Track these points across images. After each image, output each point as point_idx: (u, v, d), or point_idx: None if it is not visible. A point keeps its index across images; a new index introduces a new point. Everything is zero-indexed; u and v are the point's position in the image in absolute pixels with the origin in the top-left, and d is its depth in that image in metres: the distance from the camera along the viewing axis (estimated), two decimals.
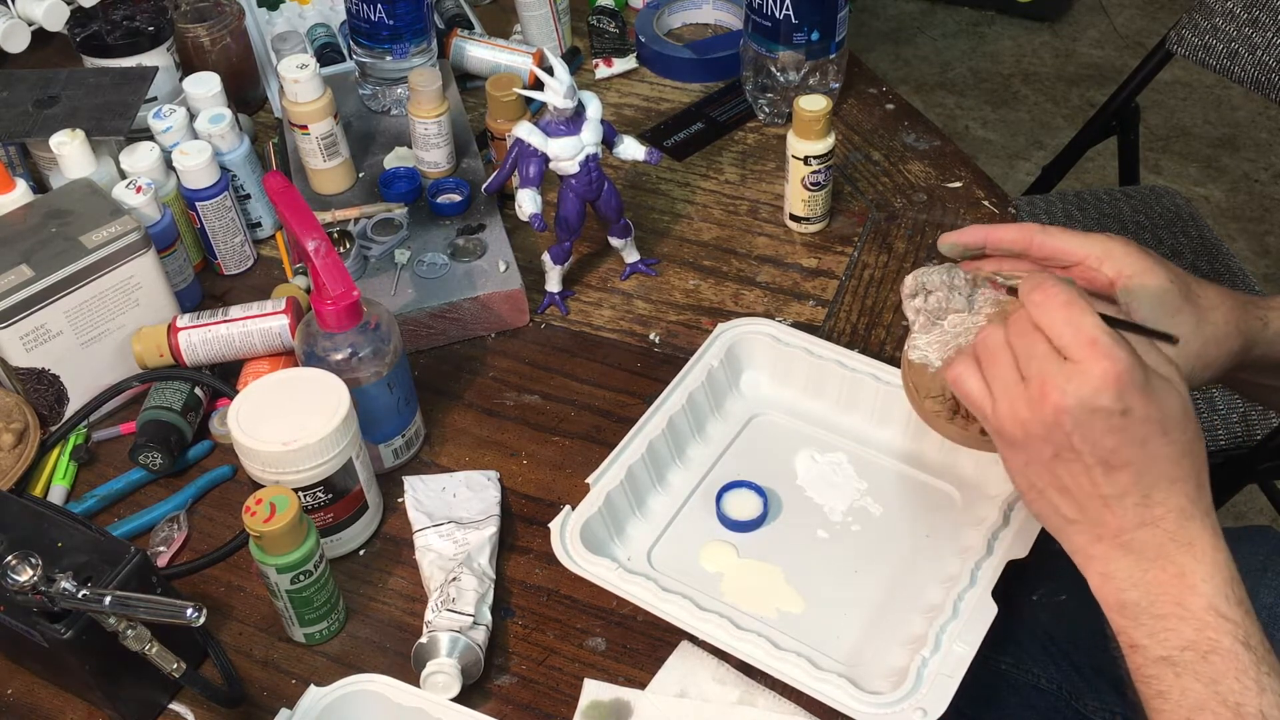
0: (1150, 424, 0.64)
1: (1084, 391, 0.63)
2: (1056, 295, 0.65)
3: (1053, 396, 0.64)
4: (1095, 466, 0.65)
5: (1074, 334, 0.64)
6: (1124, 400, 0.63)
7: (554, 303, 1.06)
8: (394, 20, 1.16)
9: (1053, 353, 0.64)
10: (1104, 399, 0.63)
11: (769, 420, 0.96)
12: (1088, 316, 0.64)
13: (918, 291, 0.75)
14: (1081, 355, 0.63)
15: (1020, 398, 0.66)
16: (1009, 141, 2.70)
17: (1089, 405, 0.63)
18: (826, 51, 1.19)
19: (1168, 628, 0.65)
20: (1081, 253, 0.75)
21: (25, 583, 0.69)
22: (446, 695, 0.77)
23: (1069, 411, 0.63)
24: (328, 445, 0.81)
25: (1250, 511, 1.95)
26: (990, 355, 0.68)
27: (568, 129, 0.97)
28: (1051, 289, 0.65)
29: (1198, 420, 0.67)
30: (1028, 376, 0.65)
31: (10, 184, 0.98)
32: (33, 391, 0.94)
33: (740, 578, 0.86)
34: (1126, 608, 0.66)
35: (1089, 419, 0.63)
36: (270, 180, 0.88)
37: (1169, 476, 0.65)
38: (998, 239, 0.77)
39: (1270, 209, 2.49)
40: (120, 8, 1.17)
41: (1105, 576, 0.67)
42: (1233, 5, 1.45)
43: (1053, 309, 0.65)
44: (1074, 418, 0.64)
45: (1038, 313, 0.65)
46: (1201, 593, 0.64)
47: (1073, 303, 0.64)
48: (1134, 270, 0.74)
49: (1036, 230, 0.76)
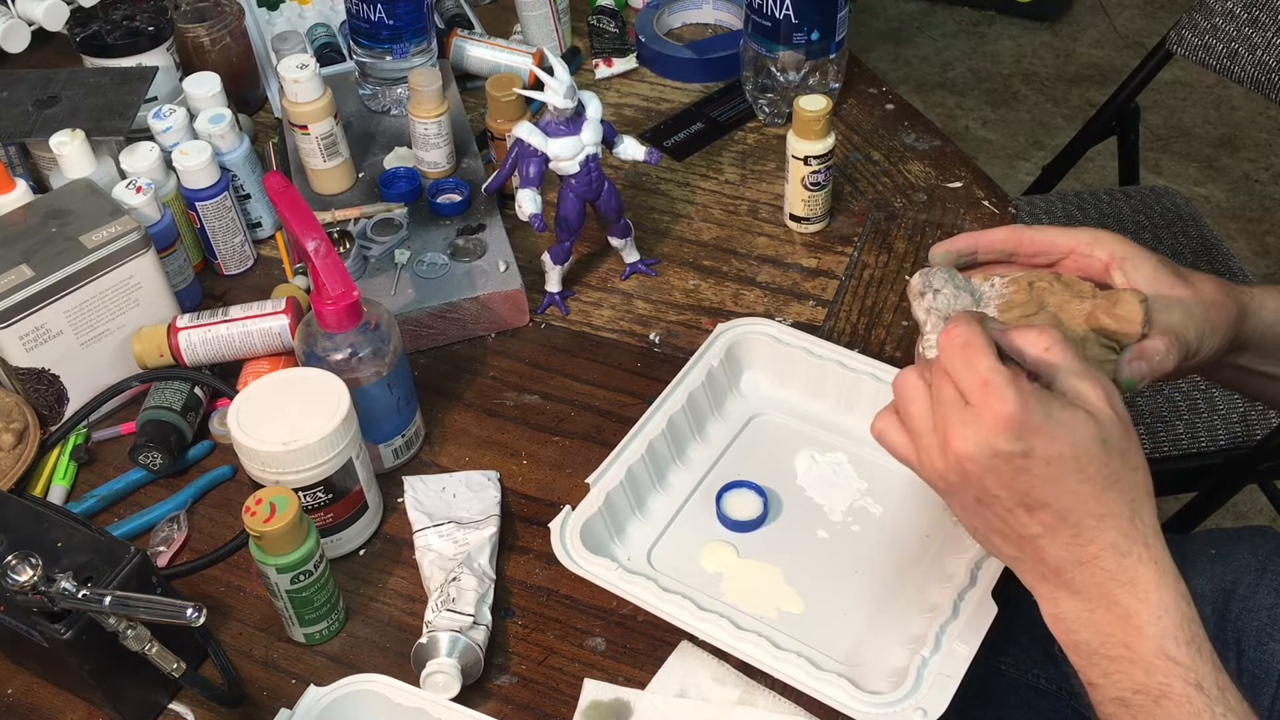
0: (1059, 462, 0.62)
1: (981, 436, 0.62)
2: (955, 337, 0.64)
3: (955, 444, 0.63)
4: (1015, 508, 0.64)
5: (970, 376, 0.63)
6: (1023, 441, 0.61)
7: (554, 303, 1.06)
8: (394, 20, 1.16)
9: (957, 397, 0.64)
10: (1001, 442, 0.62)
11: (769, 420, 0.96)
12: (983, 357, 0.63)
13: (925, 290, 0.75)
14: (976, 399, 0.62)
15: (934, 446, 0.65)
16: (1009, 141, 2.70)
17: (988, 449, 0.62)
18: (826, 51, 1.19)
19: (1119, 670, 0.64)
20: (1070, 243, 0.75)
21: (25, 583, 0.69)
22: (446, 695, 0.77)
23: (972, 458, 0.63)
24: (328, 445, 0.81)
25: (1250, 511, 1.95)
26: (905, 403, 0.67)
27: (568, 129, 0.97)
28: (953, 329, 0.64)
29: (1129, 444, 0.64)
30: (937, 424, 0.65)
31: (10, 184, 0.98)
32: (33, 391, 0.94)
33: (740, 578, 0.86)
34: (1079, 647, 0.66)
35: (992, 463, 0.62)
36: (270, 180, 0.88)
37: (1094, 513, 0.63)
38: (988, 242, 0.77)
39: (1270, 209, 2.49)
40: (120, 8, 1.17)
41: (1055, 617, 0.66)
42: (1233, 5, 1.45)
43: (952, 352, 0.64)
44: (978, 463, 0.63)
45: (942, 356, 0.65)
46: (1148, 635, 0.63)
47: (969, 343, 0.63)
48: (1126, 252, 0.75)
49: (1023, 228, 0.76)
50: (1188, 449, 1.38)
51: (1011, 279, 0.75)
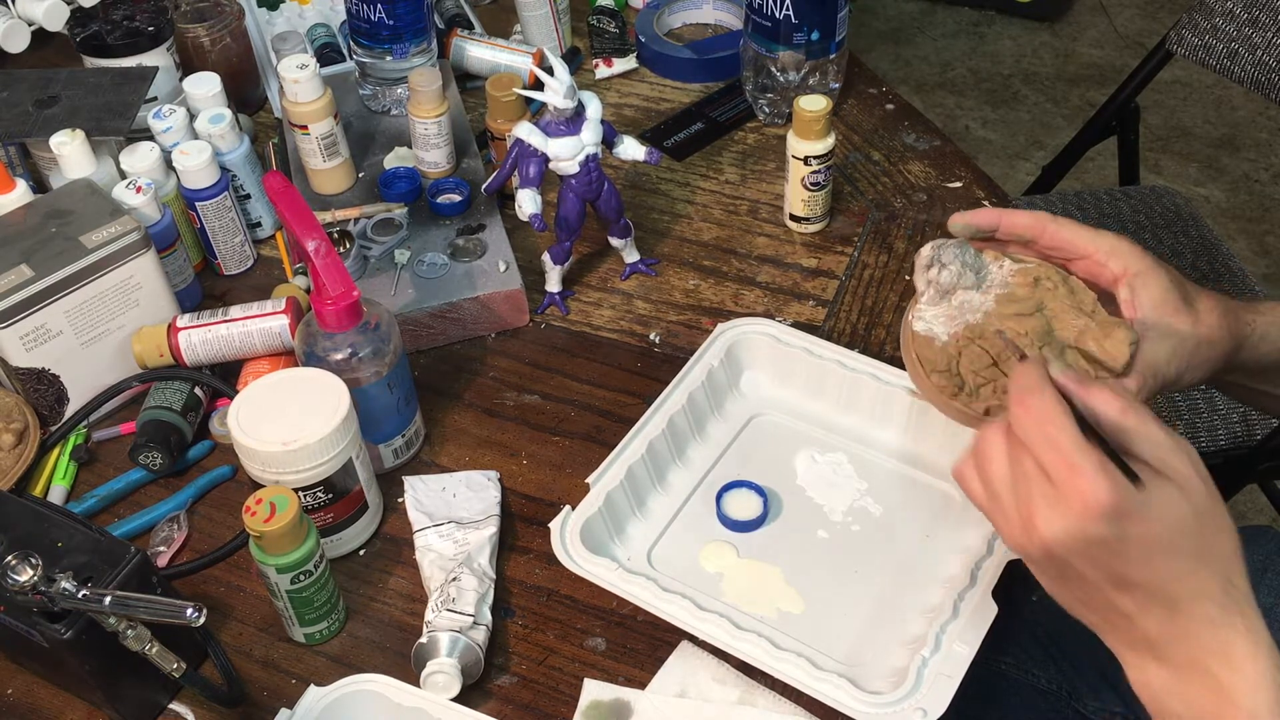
0: (1152, 543, 0.60)
1: (1070, 524, 0.60)
2: (1031, 408, 0.61)
3: (1040, 526, 0.61)
4: (1105, 586, 0.62)
5: (1054, 457, 0.60)
6: (1117, 526, 0.59)
7: (554, 303, 1.06)
8: (394, 20, 1.16)
9: (1039, 473, 0.61)
10: (1094, 529, 0.59)
11: (769, 420, 0.96)
12: (1065, 435, 0.60)
13: (933, 263, 0.74)
14: (1063, 481, 0.60)
15: (1014, 520, 0.63)
16: (1009, 141, 2.70)
17: (1078, 535, 0.60)
18: (826, 51, 1.19)
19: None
20: (1090, 248, 0.75)
21: (25, 583, 0.69)
22: (446, 695, 0.77)
23: (1059, 543, 0.61)
24: (328, 445, 0.81)
25: (1250, 511, 1.95)
26: (985, 461, 0.65)
27: (568, 129, 0.97)
28: (1028, 399, 0.62)
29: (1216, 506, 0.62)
30: (1018, 498, 0.63)
31: (10, 184, 0.98)
32: (33, 391, 0.94)
33: (740, 578, 0.86)
34: (1167, 715, 0.63)
35: (1083, 548, 0.60)
36: (270, 180, 0.88)
37: (1189, 589, 0.61)
38: (1010, 224, 0.76)
39: (1270, 209, 2.49)
40: (120, 8, 1.17)
41: (1143, 684, 0.64)
42: (1233, 5, 1.45)
43: (1030, 427, 0.61)
44: (1065, 547, 0.61)
45: (1018, 428, 0.62)
46: (1243, 708, 0.60)
47: (1049, 419, 0.61)
48: (1139, 269, 0.74)
49: (1049, 220, 0.75)
50: None
51: (1021, 268, 0.75)
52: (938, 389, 0.75)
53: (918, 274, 0.75)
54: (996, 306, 0.74)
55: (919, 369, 0.76)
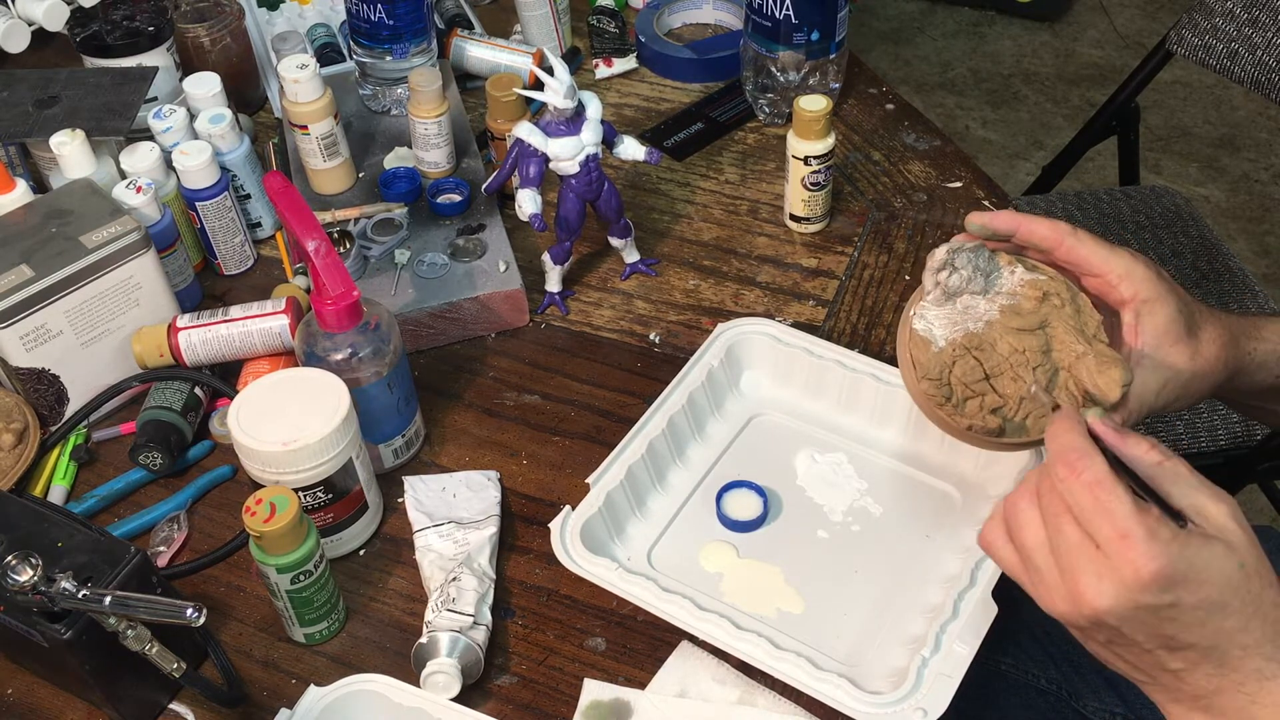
0: (1205, 606, 0.59)
1: (1121, 594, 0.58)
2: (1081, 471, 0.60)
3: (1089, 597, 0.59)
4: (1155, 649, 0.61)
5: (1104, 522, 0.59)
6: (1170, 593, 0.58)
7: (554, 303, 1.06)
8: (394, 20, 1.16)
9: (1084, 541, 0.60)
10: (1146, 598, 0.58)
11: (769, 420, 0.96)
12: (1117, 501, 0.59)
13: (945, 265, 0.74)
14: (1114, 550, 0.58)
15: (1056, 590, 0.62)
16: (1009, 141, 2.70)
17: (1130, 604, 0.59)
18: (826, 51, 1.19)
19: None
20: (1104, 267, 0.74)
21: (25, 583, 0.69)
22: (446, 695, 0.77)
23: (1110, 612, 0.59)
24: (328, 445, 0.81)
25: (1250, 511, 1.95)
26: (1019, 532, 0.63)
27: (568, 129, 0.97)
28: (1078, 463, 0.60)
29: (1261, 557, 0.61)
30: (1061, 568, 0.61)
31: (10, 184, 0.98)
32: (33, 391, 0.94)
33: (740, 578, 0.86)
34: None
35: (1133, 615, 0.59)
36: (270, 180, 0.88)
37: (1240, 644, 0.60)
38: (1029, 231, 0.75)
39: (1270, 209, 2.49)
40: (120, 8, 1.17)
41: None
42: (1233, 5, 1.45)
43: (1079, 490, 0.60)
44: (1116, 616, 0.60)
45: (1063, 489, 0.61)
46: None
47: (1100, 482, 0.59)
48: (1149, 295, 0.73)
49: (1068, 233, 0.74)
50: (1188, 449, 1.38)
51: (1032, 279, 0.74)
52: (925, 395, 0.75)
53: (927, 272, 0.74)
54: (1000, 318, 0.74)
55: (911, 370, 0.76)
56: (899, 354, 0.77)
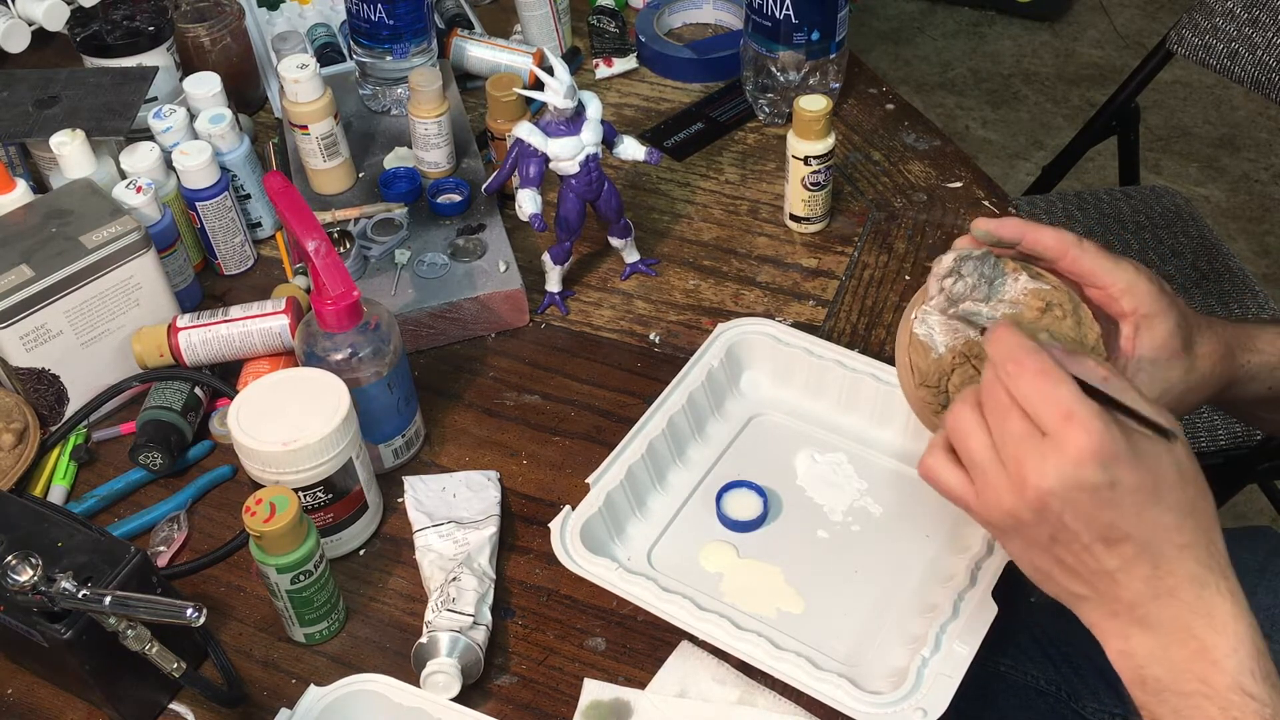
0: (1142, 492, 0.61)
1: (1065, 469, 0.60)
2: (1029, 365, 0.62)
3: (1033, 479, 0.61)
4: (1095, 543, 0.62)
5: (1049, 407, 0.60)
6: (1109, 472, 0.60)
7: (554, 303, 1.06)
8: (394, 20, 1.16)
9: (1029, 430, 0.61)
10: (1088, 474, 0.60)
11: (769, 420, 0.96)
12: (1062, 386, 0.61)
13: (952, 273, 0.73)
14: (1058, 429, 0.60)
15: (1002, 485, 0.63)
16: (1009, 141, 2.70)
17: (1073, 483, 0.60)
18: (826, 51, 1.19)
19: (1192, 705, 0.62)
20: (1107, 280, 0.74)
21: (25, 583, 0.69)
22: (446, 695, 0.77)
23: (1054, 493, 0.61)
24: (328, 445, 0.81)
25: (1250, 511, 1.95)
26: (964, 439, 0.65)
27: (568, 129, 0.97)
28: (1025, 359, 0.62)
29: (1198, 474, 0.63)
30: (1005, 460, 0.62)
31: (10, 184, 0.98)
32: (33, 391, 0.94)
33: (740, 578, 0.86)
34: (1148, 683, 0.64)
35: (1076, 497, 0.61)
36: (270, 180, 0.88)
37: (1175, 543, 0.62)
38: (1034, 240, 0.74)
39: (1270, 209, 2.49)
40: (120, 8, 1.17)
41: (1124, 653, 0.64)
42: (1233, 5, 1.45)
43: (1025, 380, 0.62)
44: (1060, 498, 0.61)
45: (1010, 383, 0.62)
46: (1226, 669, 0.61)
47: (1046, 372, 0.61)
48: (1150, 310, 0.73)
49: (1072, 244, 0.74)
50: None
51: (1035, 288, 0.74)
52: (922, 401, 0.75)
53: (933, 278, 0.74)
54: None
55: (909, 376, 0.76)
56: (897, 358, 0.77)
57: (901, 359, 0.76)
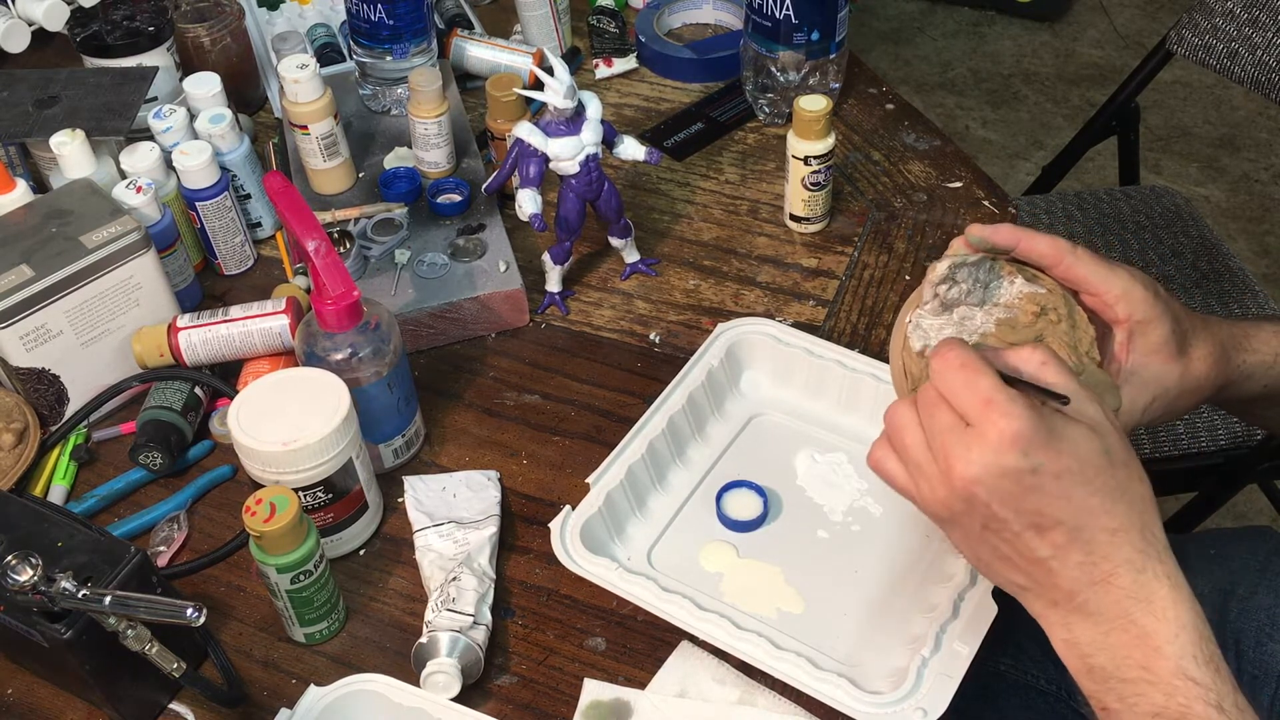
0: (1067, 476, 0.61)
1: (986, 457, 0.61)
2: (952, 359, 0.63)
3: (958, 468, 0.62)
4: (1025, 531, 0.62)
5: (970, 396, 0.62)
6: (1030, 457, 0.60)
7: (554, 303, 1.06)
8: (394, 20, 1.16)
9: (955, 422, 0.62)
10: (1008, 460, 0.60)
11: (769, 420, 0.96)
12: (983, 377, 0.62)
13: (946, 279, 0.74)
14: (979, 418, 0.61)
15: (934, 476, 0.64)
16: (1009, 141, 2.70)
17: (995, 470, 0.61)
18: (826, 51, 1.19)
19: (1137, 692, 0.62)
20: (1102, 287, 0.74)
21: (25, 583, 0.69)
22: (446, 695, 0.77)
23: (978, 481, 0.61)
24: (328, 445, 0.81)
25: (1250, 511, 1.95)
26: (899, 434, 0.66)
27: (568, 129, 0.97)
28: (948, 353, 0.63)
29: (1131, 457, 0.64)
30: (935, 452, 0.63)
31: (10, 184, 0.98)
32: (33, 391, 0.94)
33: (740, 578, 0.86)
34: (1094, 672, 0.64)
35: (999, 484, 0.61)
36: (270, 180, 0.88)
37: (1106, 528, 0.62)
38: (1029, 247, 0.75)
39: (1270, 209, 2.49)
40: (120, 8, 1.17)
41: (1068, 643, 0.65)
42: (1233, 5, 1.45)
43: (949, 373, 0.63)
44: (985, 486, 0.61)
45: (937, 379, 0.63)
46: (1167, 655, 0.61)
47: (967, 364, 0.62)
48: (1144, 316, 0.73)
49: (1067, 251, 0.74)
50: (1188, 449, 1.38)
51: (1030, 292, 0.73)
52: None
53: (927, 283, 0.74)
54: (995, 330, 0.73)
55: (903, 380, 0.75)
56: (891, 362, 0.77)
57: (895, 363, 0.76)
